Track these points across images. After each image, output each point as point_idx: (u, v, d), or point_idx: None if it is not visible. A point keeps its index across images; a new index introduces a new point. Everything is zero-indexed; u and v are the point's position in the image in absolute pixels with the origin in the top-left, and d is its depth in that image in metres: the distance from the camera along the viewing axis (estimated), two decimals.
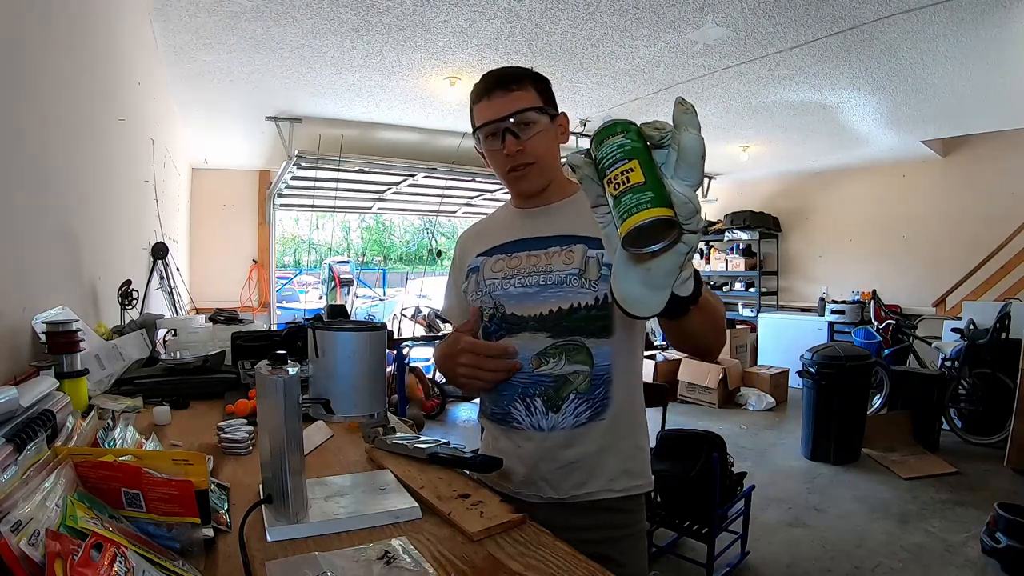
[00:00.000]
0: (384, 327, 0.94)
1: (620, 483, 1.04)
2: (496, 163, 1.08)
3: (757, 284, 7.00)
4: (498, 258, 1.11)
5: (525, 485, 1.05)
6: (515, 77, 1.04)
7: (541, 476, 1.04)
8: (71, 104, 1.67)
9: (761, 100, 4.11)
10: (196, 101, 4.03)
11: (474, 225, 1.28)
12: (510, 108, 1.02)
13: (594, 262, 1.01)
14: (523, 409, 1.04)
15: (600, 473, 1.03)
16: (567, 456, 1.02)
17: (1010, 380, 3.92)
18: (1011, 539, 2.49)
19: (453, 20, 2.85)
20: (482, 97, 1.05)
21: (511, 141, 1.02)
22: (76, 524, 0.56)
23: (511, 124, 1.02)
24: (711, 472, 2.44)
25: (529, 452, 1.04)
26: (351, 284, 7.10)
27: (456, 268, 1.22)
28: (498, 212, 1.26)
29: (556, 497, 1.03)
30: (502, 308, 1.07)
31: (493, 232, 1.17)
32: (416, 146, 5.23)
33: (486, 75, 1.07)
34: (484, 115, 1.05)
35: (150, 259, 2.83)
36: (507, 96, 1.02)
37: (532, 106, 1.03)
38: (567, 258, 1.03)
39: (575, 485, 1.03)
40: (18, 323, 1.20)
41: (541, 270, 1.05)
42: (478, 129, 1.06)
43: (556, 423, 1.02)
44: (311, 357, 0.86)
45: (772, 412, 5.34)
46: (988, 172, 5.50)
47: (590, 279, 1.01)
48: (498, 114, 1.02)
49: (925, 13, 2.73)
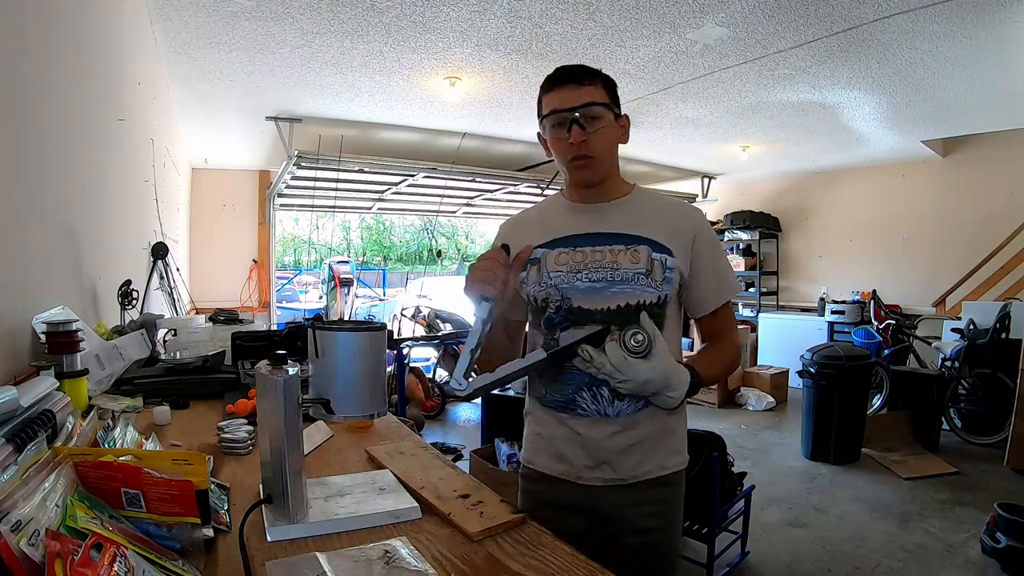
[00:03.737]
0: (384, 327, 0.94)
1: (671, 461, 1.13)
2: (559, 150, 1.11)
3: (757, 284, 7.00)
4: (560, 251, 1.13)
5: (589, 469, 1.11)
6: (587, 73, 1.09)
7: (604, 460, 1.10)
8: (71, 104, 1.67)
9: (761, 100, 4.11)
10: (196, 101, 4.03)
11: (519, 216, 1.29)
12: (580, 100, 1.06)
13: (659, 264, 1.09)
14: (589, 397, 1.09)
15: (655, 453, 1.11)
16: (629, 440, 1.10)
17: (1010, 380, 3.92)
18: (1011, 539, 2.49)
19: (453, 20, 2.85)
20: (554, 87, 1.09)
21: (577, 131, 1.06)
22: (76, 524, 0.56)
23: (579, 116, 1.06)
24: (711, 472, 2.44)
25: (593, 438, 1.10)
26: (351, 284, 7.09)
27: None
28: (547, 204, 1.26)
29: (617, 478, 1.10)
30: (568, 301, 1.10)
31: (547, 224, 1.17)
32: (416, 146, 5.23)
33: (560, 67, 1.11)
34: (553, 103, 1.08)
35: (150, 259, 2.83)
36: (579, 89, 1.07)
37: (600, 101, 1.07)
38: (633, 257, 1.09)
39: (634, 465, 1.10)
40: (18, 323, 1.20)
41: (608, 266, 1.09)
42: (546, 117, 1.10)
43: (621, 410, 1.09)
44: (311, 357, 0.86)
45: (772, 412, 5.34)
46: (988, 172, 5.50)
47: (655, 279, 1.09)
48: (568, 104, 1.06)
49: (925, 13, 2.73)
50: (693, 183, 7.21)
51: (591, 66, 1.11)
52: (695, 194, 7.14)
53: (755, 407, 5.41)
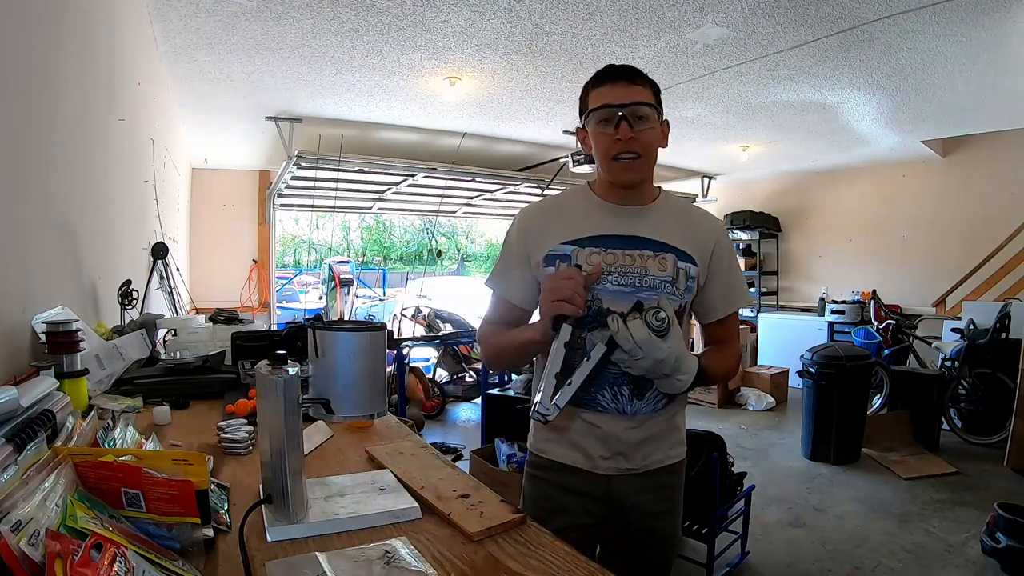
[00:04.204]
0: (384, 327, 0.94)
1: (675, 451, 1.22)
2: (603, 145, 1.10)
3: (757, 284, 7.00)
4: (591, 251, 1.13)
5: (604, 459, 1.16)
6: (638, 73, 1.10)
7: (620, 452, 1.16)
8: (71, 104, 1.67)
9: (761, 100, 4.11)
10: (196, 101, 4.03)
11: (541, 206, 1.26)
12: (630, 98, 1.07)
13: (683, 274, 1.12)
14: (610, 396, 1.14)
15: (664, 445, 1.19)
16: (643, 434, 1.16)
17: (1010, 380, 3.92)
18: (1011, 539, 2.49)
19: (453, 20, 2.85)
20: (604, 82, 1.10)
21: (625, 128, 1.06)
22: (76, 524, 0.56)
23: (628, 112, 1.06)
24: (711, 472, 2.44)
25: (611, 432, 1.15)
26: (351, 284, 7.09)
27: (520, 248, 1.19)
28: (576, 197, 1.22)
29: (630, 468, 1.17)
30: (598, 302, 1.11)
31: (576, 219, 1.17)
32: (416, 146, 5.23)
33: (610, 65, 1.12)
34: (604, 98, 1.09)
35: (150, 259, 2.82)
36: (630, 87, 1.08)
37: (649, 102, 1.09)
38: (661, 265, 1.12)
39: (645, 456, 1.17)
40: (18, 323, 1.20)
41: (637, 272, 1.11)
42: (594, 110, 1.09)
43: (639, 408, 1.14)
44: (311, 357, 0.86)
45: (772, 412, 5.34)
46: (988, 172, 5.50)
47: (679, 288, 1.12)
48: (619, 100, 1.07)
49: (925, 13, 2.73)
50: (693, 183, 7.20)
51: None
52: (695, 194, 7.14)
53: (755, 407, 5.41)
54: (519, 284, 1.19)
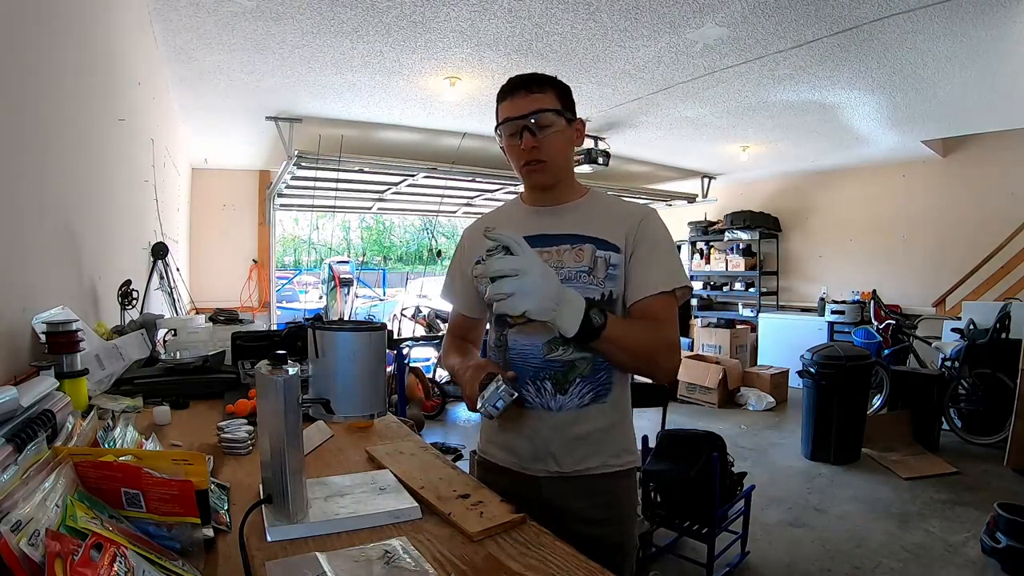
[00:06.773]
0: (384, 327, 0.94)
1: (620, 459, 1.16)
2: (513, 157, 1.17)
3: (757, 284, 7.00)
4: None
5: (532, 460, 1.15)
6: (538, 81, 1.14)
7: (548, 451, 1.13)
8: (71, 104, 1.67)
9: (761, 100, 4.11)
10: (196, 101, 4.03)
11: (482, 218, 1.36)
12: (530, 108, 1.10)
13: (602, 262, 1.12)
14: (533, 391, 1.13)
15: (602, 450, 1.14)
16: (573, 433, 1.13)
17: (1010, 380, 3.92)
18: (1011, 539, 2.49)
19: (453, 20, 2.85)
20: (506, 96, 1.15)
21: (528, 138, 1.11)
22: (76, 524, 0.56)
23: (530, 123, 1.10)
24: (711, 472, 2.44)
25: (537, 429, 1.14)
26: (351, 284, 7.10)
27: (461, 257, 1.30)
28: (507, 207, 1.33)
29: (560, 471, 1.13)
30: None
31: (504, 226, 1.19)
32: (416, 146, 5.23)
33: (512, 77, 1.16)
34: (506, 112, 1.14)
35: (150, 259, 2.82)
36: (528, 97, 1.11)
37: (550, 108, 1.11)
38: (577, 256, 1.13)
39: (578, 460, 1.13)
40: (18, 323, 1.20)
41: (553, 266, 1.12)
42: (500, 125, 1.15)
43: (564, 403, 1.12)
44: (311, 357, 0.86)
45: (772, 412, 5.34)
46: (988, 172, 5.50)
47: (598, 276, 1.12)
48: (518, 112, 1.11)
49: (925, 13, 2.73)
50: (693, 183, 7.20)
51: (546, 74, 1.16)
52: (695, 194, 7.14)
53: (755, 407, 5.41)
54: (461, 293, 1.30)
